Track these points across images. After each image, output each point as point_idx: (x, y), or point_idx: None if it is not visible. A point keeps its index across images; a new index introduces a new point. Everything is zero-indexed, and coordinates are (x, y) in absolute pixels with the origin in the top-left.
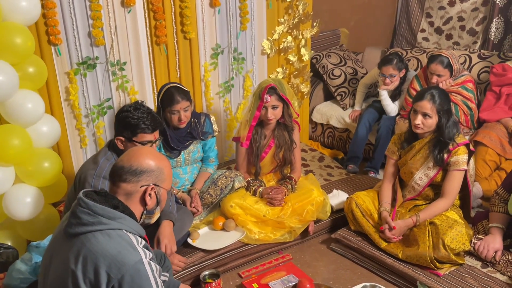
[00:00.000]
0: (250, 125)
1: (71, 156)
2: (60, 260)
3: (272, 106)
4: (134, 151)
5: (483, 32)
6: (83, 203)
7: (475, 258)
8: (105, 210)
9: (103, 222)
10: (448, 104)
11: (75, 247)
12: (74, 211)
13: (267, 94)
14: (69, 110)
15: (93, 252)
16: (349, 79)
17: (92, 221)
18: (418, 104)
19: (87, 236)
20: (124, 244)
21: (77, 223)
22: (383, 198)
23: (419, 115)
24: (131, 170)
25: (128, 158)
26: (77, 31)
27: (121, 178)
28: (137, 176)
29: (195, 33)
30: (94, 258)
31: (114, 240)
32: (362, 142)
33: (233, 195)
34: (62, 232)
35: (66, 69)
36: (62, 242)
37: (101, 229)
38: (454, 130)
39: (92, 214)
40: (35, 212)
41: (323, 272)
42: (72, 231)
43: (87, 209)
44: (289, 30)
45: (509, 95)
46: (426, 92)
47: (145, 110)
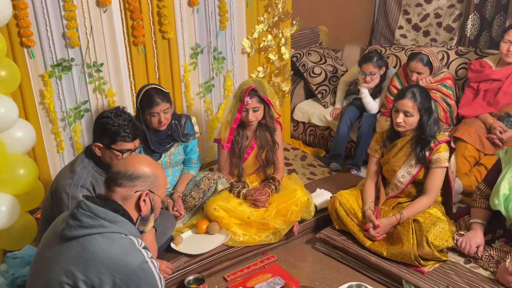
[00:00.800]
0: (231, 127)
1: (48, 162)
2: (56, 264)
3: (253, 109)
4: (131, 158)
5: (459, 28)
6: (84, 206)
7: (457, 254)
8: (106, 213)
9: (104, 225)
10: (429, 102)
11: (74, 250)
12: (73, 214)
13: (247, 97)
14: (45, 114)
15: (96, 254)
16: (330, 77)
17: (93, 223)
18: (399, 102)
19: (87, 239)
20: (127, 245)
21: (77, 225)
22: (367, 196)
23: (400, 113)
24: (127, 175)
25: (125, 164)
26: (51, 32)
27: (116, 182)
28: (132, 181)
29: (173, 33)
30: (96, 261)
31: (116, 242)
32: (344, 140)
33: (217, 197)
34: (58, 236)
35: (40, 72)
36: (58, 246)
37: (102, 232)
38: (435, 127)
39: (93, 217)
40: (11, 221)
41: (309, 273)
42: (71, 234)
43: (88, 212)
44: (269, 29)
45: (487, 91)
46: (407, 90)
47: (126, 118)
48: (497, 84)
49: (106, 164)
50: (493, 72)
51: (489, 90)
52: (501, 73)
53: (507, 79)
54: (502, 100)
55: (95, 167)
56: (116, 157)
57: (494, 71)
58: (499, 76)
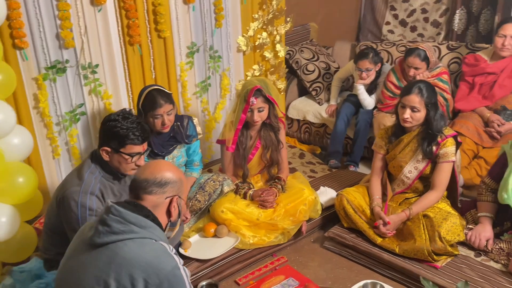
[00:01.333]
0: (236, 128)
1: (43, 168)
2: (86, 273)
3: (258, 109)
4: (154, 164)
5: (446, 23)
6: (115, 211)
7: (467, 247)
8: (137, 219)
9: (134, 230)
10: (435, 97)
11: (105, 257)
12: (103, 220)
13: (253, 97)
14: (39, 119)
15: (128, 260)
16: (323, 74)
17: (123, 229)
18: (406, 98)
19: (118, 245)
20: (159, 250)
21: (107, 231)
22: (374, 193)
23: (407, 109)
24: (156, 181)
25: (150, 171)
26: (44, 33)
27: (146, 190)
28: (162, 187)
29: (169, 32)
30: (129, 266)
31: (148, 247)
32: (342, 137)
33: (223, 199)
34: (86, 243)
35: (34, 75)
36: (87, 254)
37: (132, 238)
38: (442, 122)
39: (123, 222)
40: (11, 233)
41: (321, 273)
42: (100, 240)
43: (118, 217)
44: (263, 26)
45: (482, 84)
46: (413, 86)
47: (134, 120)
48: (492, 77)
49: (113, 169)
50: (488, 66)
51: (484, 84)
52: (496, 67)
53: (502, 72)
54: (497, 93)
55: (102, 172)
56: (125, 161)
57: (489, 64)
58: (494, 69)
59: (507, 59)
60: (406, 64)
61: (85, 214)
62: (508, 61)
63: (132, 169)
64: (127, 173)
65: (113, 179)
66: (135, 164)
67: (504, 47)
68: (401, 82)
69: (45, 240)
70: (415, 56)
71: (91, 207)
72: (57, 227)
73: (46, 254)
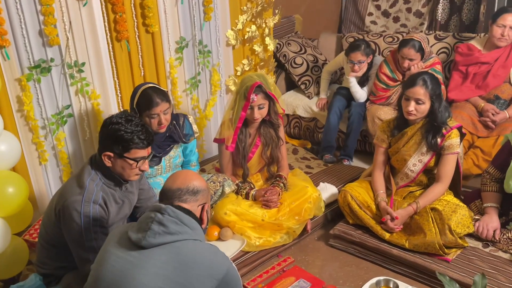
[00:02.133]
0: (236, 126)
1: (29, 175)
2: (142, 273)
3: (258, 106)
4: (183, 174)
5: (429, 13)
6: (171, 212)
7: (474, 239)
8: (190, 221)
9: (187, 232)
10: (439, 88)
11: (164, 256)
12: (159, 220)
13: (253, 94)
14: (23, 123)
15: (192, 258)
16: (312, 67)
17: (179, 230)
18: (410, 90)
19: (175, 245)
20: (213, 249)
21: (163, 232)
22: (378, 188)
23: (411, 101)
24: (189, 190)
25: (181, 180)
26: (26, 30)
27: (180, 199)
28: (195, 195)
29: (157, 26)
30: (194, 264)
31: (203, 246)
32: (335, 131)
33: (225, 201)
34: (133, 244)
35: (17, 75)
36: (138, 254)
37: (187, 239)
38: (446, 114)
39: (179, 224)
40: (2, 247)
41: (330, 272)
42: (156, 241)
43: (175, 218)
44: (252, 19)
45: (476, 74)
46: (417, 78)
47: (138, 123)
48: (486, 67)
49: (115, 175)
50: (482, 55)
51: (478, 73)
52: (490, 56)
53: (496, 62)
54: (491, 83)
55: (103, 179)
56: (130, 166)
57: (483, 54)
58: (488, 59)
59: (501, 49)
60: (400, 55)
61: (88, 225)
62: (502, 50)
63: (136, 175)
64: (130, 179)
65: (115, 186)
66: (139, 169)
67: (502, 37)
68: (395, 73)
69: (41, 254)
70: (410, 47)
71: (95, 216)
72: (55, 239)
73: (43, 269)
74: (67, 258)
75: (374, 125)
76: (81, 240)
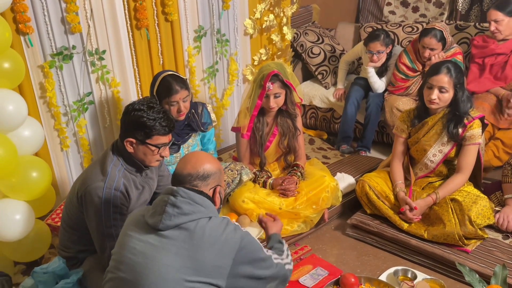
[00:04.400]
0: (252, 114)
1: (52, 161)
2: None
3: (274, 94)
4: (194, 157)
5: (449, 3)
6: (184, 193)
7: (494, 230)
8: (203, 199)
9: (201, 210)
10: (462, 77)
11: (182, 236)
12: (172, 202)
13: (269, 82)
14: (46, 109)
15: (206, 234)
16: (329, 57)
17: (192, 210)
18: (433, 78)
19: (191, 224)
20: (225, 222)
21: (178, 213)
22: (396, 178)
23: (435, 89)
24: (199, 175)
25: (192, 165)
26: (48, 17)
27: (191, 184)
28: (205, 180)
29: (176, 15)
30: (208, 239)
31: (216, 221)
32: (352, 121)
33: (243, 189)
34: (151, 228)
35: (40, 62)
36: (156, 237)
37: (201, 217)
38: (469, 104)
39: (192, 204)
40: (26, 230)
41: (347, 261)
42: (171, 222)
43: (188, 199)
44: (270, 8)
45: (493, 65)
46: (441, 66)
47: (160, 109)
48: (503, 57)
49: (136, 161)
50: (497, 47)
51: (495, 64)
52: (505, 47)
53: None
54: (510, 73)
55: (125, 165)
56: (152, 152)
57: (499, 45)
58: (504, 49)
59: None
60: (421, 45)
61: (109, 211)
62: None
63: (157, 161)
64: (151, 165)
65: (136, 172)
66: (160, 155)
67: (494, 33)
68: (414, 63)
69: (63, 237)
70: (431, 37)
71: (115, 203)
72: (77, 223)
73: (66, 252)
74: (89, 242)
75: (393, 115)
76: (101, 226)
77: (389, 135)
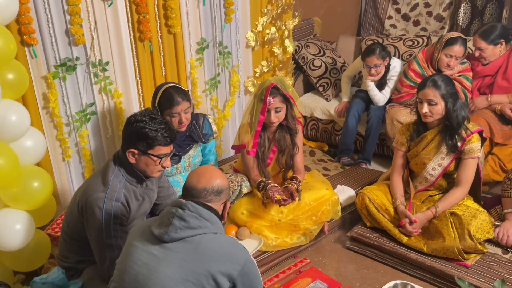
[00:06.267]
0: (256, 130)
1: (53, 171)
2: (167, 265)
3: (275, 109)
4: (208, 172)
5: (450, 17)
6: (192, 208)
7: (494, 245)
8: (210, 215)
9: (207, 226)
10: (453, 87)
11: (185, 249)
12: (180, 215)
13: (270, 96)
14: (49, 119)
15: (210, 250)
16: (330, 69)
17: (199, 224)
18: (421, 92)
19: (196, 238)
20: (232, 241)
21: (184, 226)
22: (396, 191)
23: (424, 103)
24: (214, 190)
25: (206, 179)
26: (53, 29)
27: (206, 199)
28: (219, 195)
29: (179, 27)
30: (214, 256)
31: (222, 238)
32: (353, 134)
33: (242, 201)
34: (156, 239)
35: (43, 73)
36: (160, 248)
37: (206, 232)
38: (462, 113)
39: (199, 218)
40: (26, 240)
41: (346, 274)
42: (177, 235)
43: (195, 213)
44: (272, 21)
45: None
46: (427, 80)
47: (162, 120)
48: (489, 79)
49: (137, 172)
50: (482, 69)
51: (482, 86)
52: (490, 69)
53: (498, 73)
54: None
55: (126, 176)
56: (154, 162)
57: (483, 67)
58: (488, 72)
59: (499, 59)
60: (446, 53)
61: (109, 222)
62: (501, 61)
63: (158, 171)
64: (153, 175)
65: (136, 183)
66: (162, 165)
67: (479, 59)
68: (425, 71)
69: (63, 248)
70: (460, 45)
71: (116, 214)
72: (77, 234)
73: (65, 262)
74: (88, 252)
75: (394, 127)
76: (101, 236)
77: (389, 148)
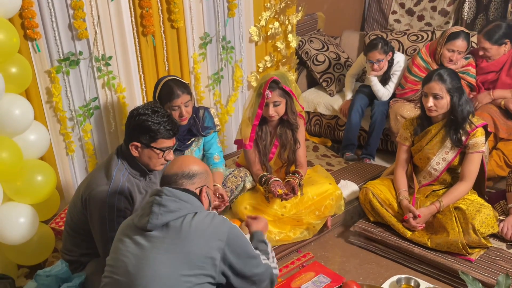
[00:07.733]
0: (253, 124)
1: (57, 165)
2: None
3: (273, 103)
4: (181, 160)
5: (454, 12)
6: (168, 192)
7: (498, 239)
8: (189, 197)
9: (186, 207)
10: (458, 81)
11: (170, 233)
12: (158, 202)
13: (268, 90)
14: (52, 114)
15: (193, 227)
16: (334, 65)
17: (178, 206)
18: (427, 86)
19: (177, 222)
20: (211, 215)
21: (164, 211)
22: (400, 186)
23: (430, 97)
24: (185, 174)
25: (178, 165)
26: (56, 23)
27: (176, 183)
28: (191, 179)
29: (182, 22)
30: (195, 231)
31: (202, 214)
32: (356, 129)
33: (245, 196)
34: (142, 229)
35: (47, 67)
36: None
37: (187, 213)
38: (468, 107)
39: (177, 201)
40: (30, 234)
41: (350, 268)
42: (159, 221)
43: (173, 197)
44: (276, 16)
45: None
46: (433, 73)
47: (164, 113)
48: (493, 75)
49: (141, 165)
50: (487, 65)
51: (486, 82)
52: (494, 65)
53: (502, 70)
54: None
55: (129, 169)
56: (156, 156)
57: (487, 64)
58: (493, 68)
59: (504, 56)
60: (448, 48)
61: (112, 215)
62: (506, 58)
63: (162, 164)
64: (156, 168)
65: (140, 176)
66: (165, 158)
67: (484, 57)
68: (430, 65)
69: (66, 241)
70: (463, 39)
71: (119, 207)
72: (80, 227)
73: (68, 256)
74: (92, 245)
75: (397, 122)
76: (104, 229)
77: (393, 143)
